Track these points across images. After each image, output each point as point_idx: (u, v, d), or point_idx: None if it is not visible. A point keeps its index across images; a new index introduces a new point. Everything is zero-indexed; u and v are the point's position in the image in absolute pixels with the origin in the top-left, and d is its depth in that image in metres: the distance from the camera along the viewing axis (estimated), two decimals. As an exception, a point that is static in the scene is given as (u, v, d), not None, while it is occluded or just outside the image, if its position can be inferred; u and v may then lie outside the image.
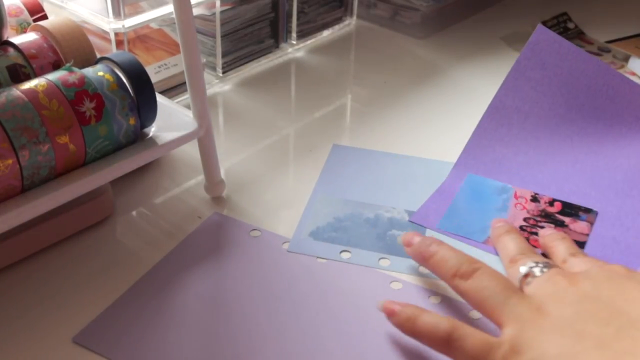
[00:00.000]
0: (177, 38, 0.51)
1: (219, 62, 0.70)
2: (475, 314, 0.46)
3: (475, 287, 0.43)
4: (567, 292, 0.41)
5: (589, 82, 0.59)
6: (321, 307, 0.46)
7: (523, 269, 0.44)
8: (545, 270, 0.43)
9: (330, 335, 0.44)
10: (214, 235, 0.52)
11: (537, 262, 0.44)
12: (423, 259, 0.47)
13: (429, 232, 0.52)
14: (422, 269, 0.49)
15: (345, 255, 0.50)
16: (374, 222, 0.53)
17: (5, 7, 0.50)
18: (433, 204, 0.55)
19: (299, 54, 0.77)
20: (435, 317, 0.42)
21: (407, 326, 0.42)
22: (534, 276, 0.43)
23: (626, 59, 0.74)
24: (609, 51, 0.76)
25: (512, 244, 0.48)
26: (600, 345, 0.37)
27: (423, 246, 0.47)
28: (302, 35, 0.78)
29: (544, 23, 0.81)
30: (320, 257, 0.50)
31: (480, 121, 0.59)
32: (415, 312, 0.42)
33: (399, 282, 0.48)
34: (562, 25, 0.81)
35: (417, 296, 0.47)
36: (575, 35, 0.80)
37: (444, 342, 0.41)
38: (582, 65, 0.59)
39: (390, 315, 0.43)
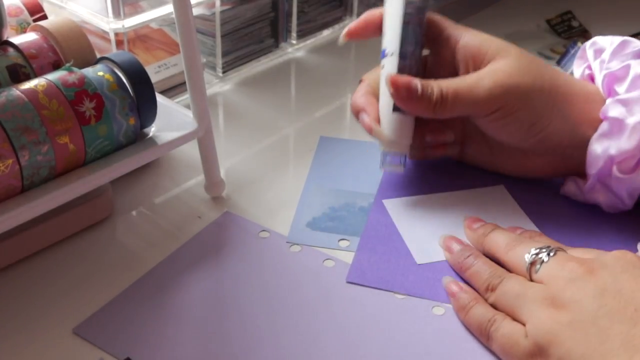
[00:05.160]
0: (177, 38, 0.51)
1: (219, 62, 0.70)
2: None
3: (500, 297, 0.44)
4: (585, 282, 0.40)
5: None
6: (325, 310, 0.46)
7: (528, 257, 0.44)
8: (552, 254, 0.43)
9: (331, 339, 0.44)
10: (222, 234, 0.52)
11: (540, 247, 0.44)
12: (460, 269, 0.48)
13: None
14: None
15: (343, 244, 0.51)
16: (368, 210, 0.54)
17: (5, 7, 0.50)
18: (364, 255, 0.50)
19: (299, 54, 0.77)
20: (482, 309, 0.44)
21: (461, 315, 0.45)
22: (543, 262, 0.43)
23: None
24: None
25: (502, 237, 0.47)
26: (628, 346, 0.37)
27: (461, 257, 0.48)
28: (302, 35, 0.78)
29: (548, 21, 0.81)
30: (320, 247, 0.51)
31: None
32: (470, 303, 0.44)
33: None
34: (566, 24, 0.81)
35: (419, 306, 0.46)
36: (580, 34, 0.80)
37: (484, 332, 0.43)
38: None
39: (450, 296, 0.46)
